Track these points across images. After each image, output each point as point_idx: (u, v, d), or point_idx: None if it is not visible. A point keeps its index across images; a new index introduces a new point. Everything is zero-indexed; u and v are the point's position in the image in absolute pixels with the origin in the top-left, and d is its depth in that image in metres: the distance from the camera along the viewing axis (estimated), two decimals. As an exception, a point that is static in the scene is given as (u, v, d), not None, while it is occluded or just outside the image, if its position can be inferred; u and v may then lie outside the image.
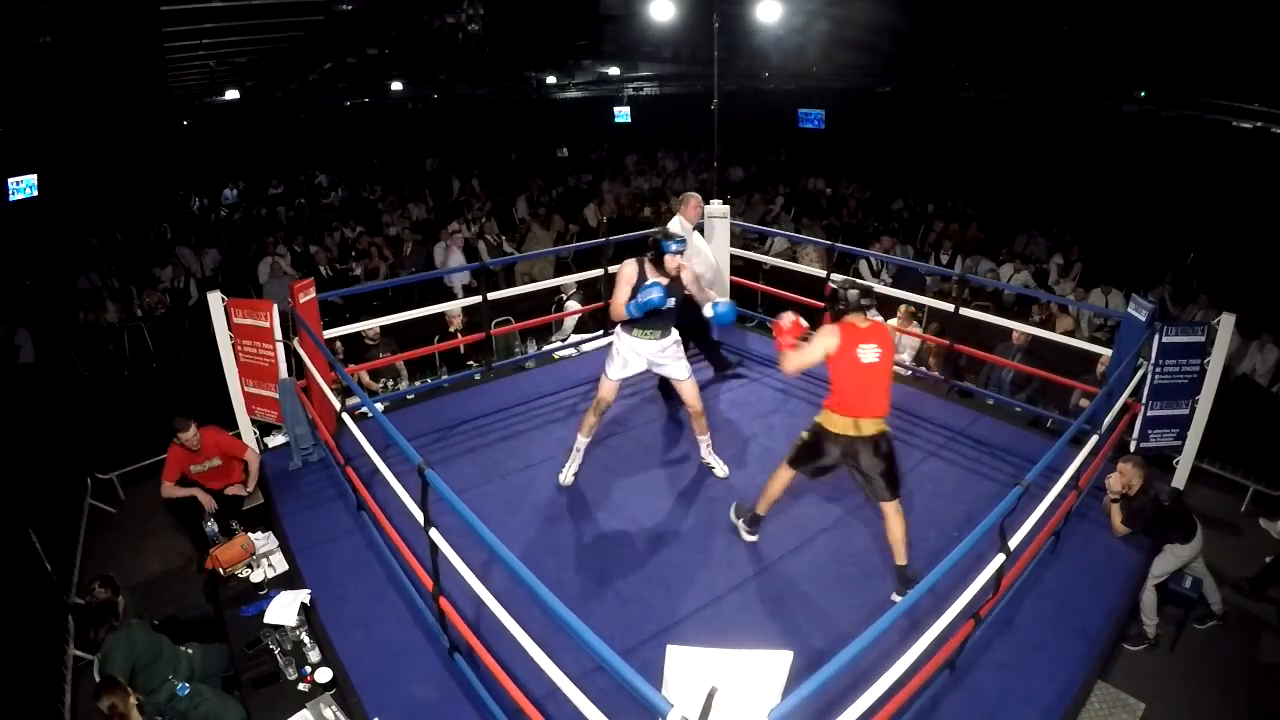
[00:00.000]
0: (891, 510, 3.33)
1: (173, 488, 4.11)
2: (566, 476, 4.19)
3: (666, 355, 4.00)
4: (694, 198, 5.16)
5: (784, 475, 3.53)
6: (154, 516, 5.14)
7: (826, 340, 3.25)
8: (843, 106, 13.44)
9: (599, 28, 10.99)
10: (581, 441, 4.15)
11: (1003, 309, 7.34)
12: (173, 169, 15.18)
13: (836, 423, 3.30)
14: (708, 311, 3.90)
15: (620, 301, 3.79)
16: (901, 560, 3.36)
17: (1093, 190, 11.11)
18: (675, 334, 4.02)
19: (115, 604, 3.14)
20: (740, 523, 3.75)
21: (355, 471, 3.80)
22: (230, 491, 4.17)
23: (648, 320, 3.82)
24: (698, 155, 16.24)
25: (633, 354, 3.97)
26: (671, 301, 3.83)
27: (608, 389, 4.03)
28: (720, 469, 4.28)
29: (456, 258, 9.22)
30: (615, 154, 18.02)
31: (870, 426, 3.27)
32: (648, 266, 3.86)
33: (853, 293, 3.27)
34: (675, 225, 4.98)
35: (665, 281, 3.80)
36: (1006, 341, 5.77)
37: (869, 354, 3.21)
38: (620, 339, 3.97)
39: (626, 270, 3.88)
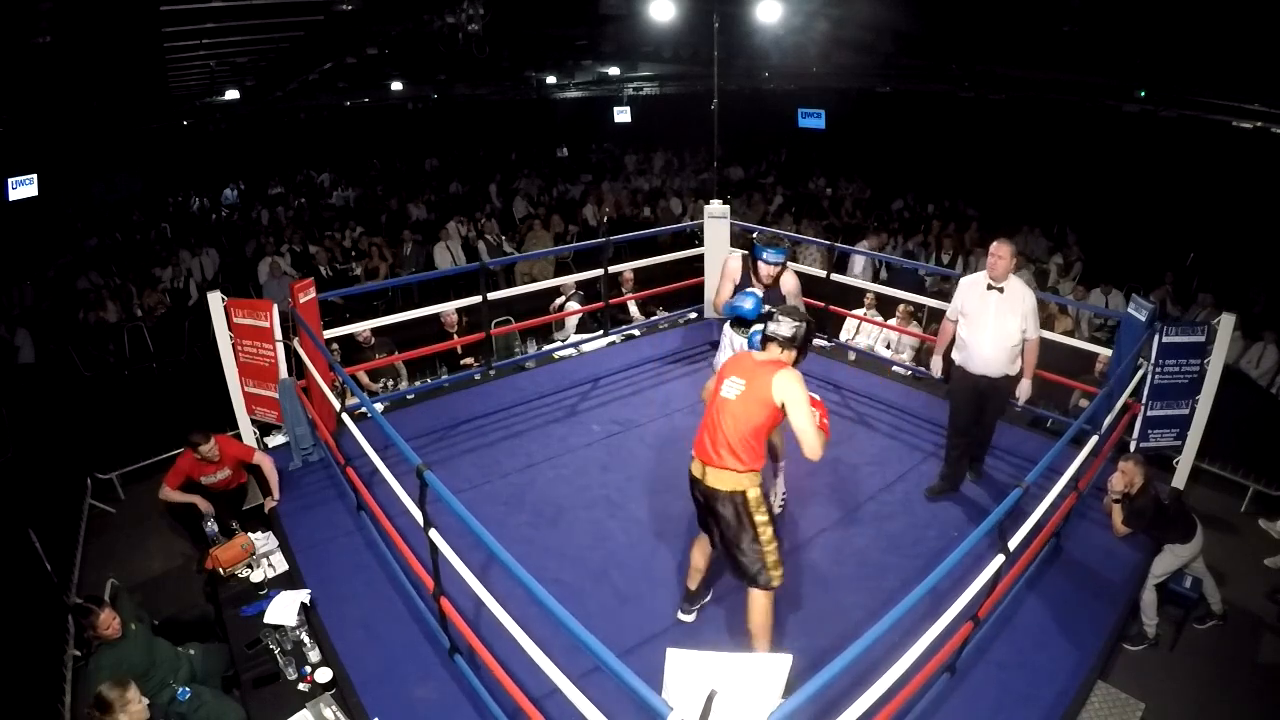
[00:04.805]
0: (753, 596, 2.80)
1: (173, 492, 4.11)
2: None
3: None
4: (1004, 247, 3.73)
5: (696, 546, 3.13)
6: (154, 516, 5.13)
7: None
8: (843, 106, 13.42)
9: (599, 28, 10.97)
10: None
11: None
12: (173, 169, 15.18)
13: (693, 463, 2.87)
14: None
15: (720, 299, 3.80)
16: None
17: (1093, 190, 11.10)
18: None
19: (94, 627, 3.02)
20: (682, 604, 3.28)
21: (355, 471, 3.80)
22: (269, 508, 4.11)
23: (740, 322, 3.65)
24: (698, 155, 16.24)
25: (732, 346, 3.90)
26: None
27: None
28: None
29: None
30: (615, 154, 18.02)
31: (714, 477, 2.74)
32: (752, 269, 3.77)
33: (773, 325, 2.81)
34: (977, 280, 3.85)
35: (761, 291, 3.65)
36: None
37: (730, 388, 2.75)
38: (725, 332, 3.95)
39: (730, 265, 3.88)
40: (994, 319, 3.77)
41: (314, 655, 3.13)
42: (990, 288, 3.78)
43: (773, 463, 3.86)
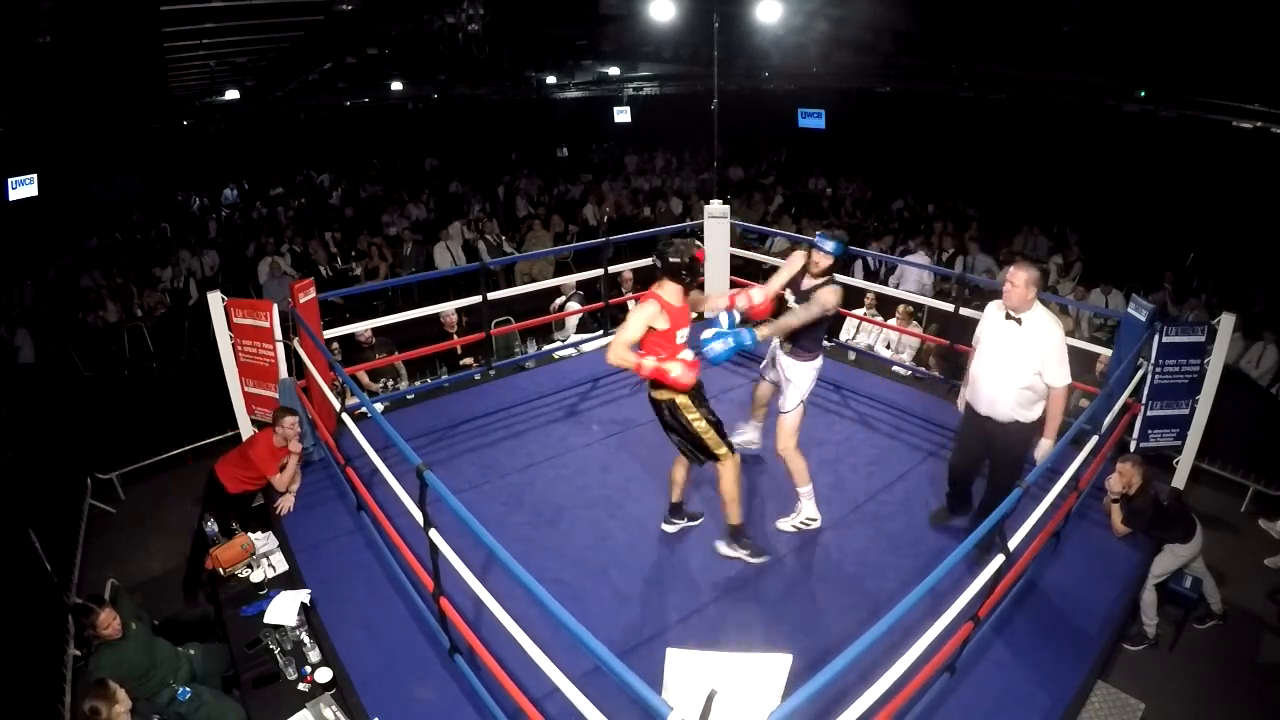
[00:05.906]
0: (718, 470, 3.38)
1: (284, 478, 4.05)
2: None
3: (782, 367, 3.76)
4: (1020, 273, 3.28)
5: (676, 462, 3.63)
6: (154, 516, 5.15)
7: (647, 311, 3.19)
8: (843, 106, 13.42)
9: (599, 28, 10.97)
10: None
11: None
12: (173, 169, 15.19)
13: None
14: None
15: (770, 286, 3.72)
16: (733, 520, 3.46)
17: (1093, 190, 11.11)
18: (793, 364, 3.69)
19: (94, 626, 3.01)
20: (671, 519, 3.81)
21: (355, 471, 3.80)
22: (284, 510, 4.06)
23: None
24: (698, 155, 16.25)
25: (774, 354, 3.90)
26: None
27: (760, 385, 4.27)
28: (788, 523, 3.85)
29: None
30: (615, 154, 18.02)
31: (654, 390, 3.35)
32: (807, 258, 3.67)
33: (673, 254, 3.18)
34: (993, 309, 3.50)
35: (732, 313, 3.56)
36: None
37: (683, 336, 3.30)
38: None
39: (793, 260, 3.77)
40: (1004, 353, 3.32)
41: (314, 655, 3.13)
42: (1009, 317, 3.33)
43: (795, 487, 3.81)
